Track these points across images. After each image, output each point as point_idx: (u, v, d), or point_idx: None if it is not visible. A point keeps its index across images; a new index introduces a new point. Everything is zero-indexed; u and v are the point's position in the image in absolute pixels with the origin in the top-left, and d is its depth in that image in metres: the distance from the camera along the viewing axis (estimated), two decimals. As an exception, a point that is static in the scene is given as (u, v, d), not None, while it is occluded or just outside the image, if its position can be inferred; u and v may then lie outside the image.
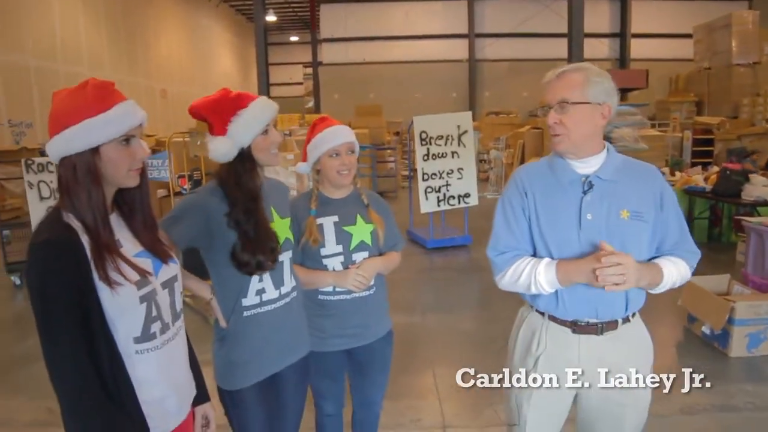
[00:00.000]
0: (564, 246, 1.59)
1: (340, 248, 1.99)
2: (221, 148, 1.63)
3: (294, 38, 27.26)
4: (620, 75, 8.25)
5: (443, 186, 7.23)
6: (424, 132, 7.04)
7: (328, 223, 2.00)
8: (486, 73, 20.93)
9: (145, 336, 1.25)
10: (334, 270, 1.99)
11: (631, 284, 1.50)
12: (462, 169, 7.25)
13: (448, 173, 7.21)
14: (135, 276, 1.22)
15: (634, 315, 1.67)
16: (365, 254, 2.02)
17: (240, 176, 1.65)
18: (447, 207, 7.30)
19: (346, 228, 2.01)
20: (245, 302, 1.70)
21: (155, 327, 1.27)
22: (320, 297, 2.01)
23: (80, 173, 1.18)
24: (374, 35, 20.64)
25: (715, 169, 7.95)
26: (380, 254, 2.07)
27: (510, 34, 19.94)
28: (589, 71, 1.56)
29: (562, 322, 1.63)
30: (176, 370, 1.36)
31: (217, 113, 1.65)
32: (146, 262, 1.28)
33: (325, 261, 1.99)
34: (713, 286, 4.05)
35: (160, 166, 5.56)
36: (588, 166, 1.61)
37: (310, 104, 23.60)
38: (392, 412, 2.25)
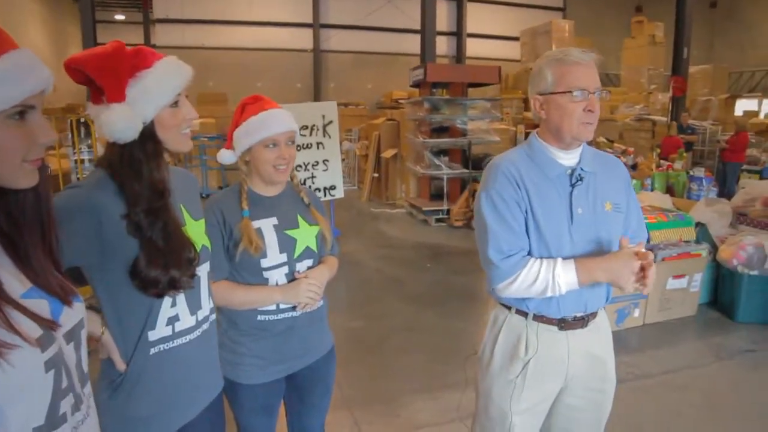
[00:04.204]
0: (558, 243, 1.49)
1: (284, 257, 1.63)
2: (119, 122, 1.15)
3: (120, 17, 24.47)
4: (477, 71, 8.67)
5: (309, 178, 6.93)
6: (288, 121, 6.67)
7: (268, 226, 1.63)
8: (331, 64, 20.84)
9: (52, 421, 0.82)
10: (277, 284, 1.63)
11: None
12: (327, 160, 7.02)
13: (313, 165, 6.93)
14: (35, 330, 0.78)
15: None
16: (310, 262, 1.69)
17: (140, 163, 1.19)
18: (313, 200, 7.03)
19: (288, 232, 1.65)
20: (152, 335, 1.26)
21: (66, 404, 0.84)
22: (260, 318, 1.64)
23: None
24: (214, 19, 19.37)
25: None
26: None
27: (355, 26, 20.09)
28: None
29: (549, 321, 1.54)
30: None
31: (110, 72, 1.17)
32: (41, 305, 0.84)
33: (266, 274, 1.62)
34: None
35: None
36: (572, 156, 1.54)
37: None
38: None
